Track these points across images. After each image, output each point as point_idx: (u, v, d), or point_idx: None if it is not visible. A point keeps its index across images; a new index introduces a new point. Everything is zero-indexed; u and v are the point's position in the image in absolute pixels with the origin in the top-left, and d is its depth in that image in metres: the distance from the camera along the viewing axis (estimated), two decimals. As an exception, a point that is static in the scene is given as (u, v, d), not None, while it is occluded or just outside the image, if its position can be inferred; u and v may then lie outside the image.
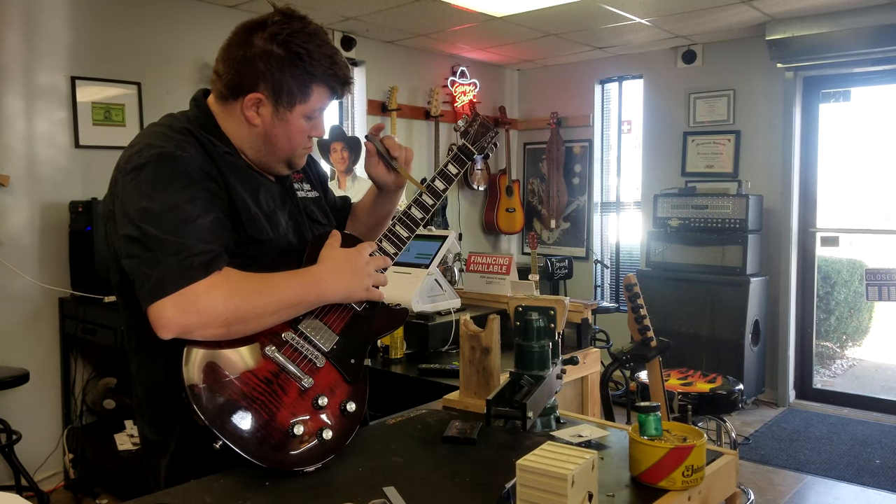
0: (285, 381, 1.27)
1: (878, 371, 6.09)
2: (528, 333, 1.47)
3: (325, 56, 1.34)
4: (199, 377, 1.20)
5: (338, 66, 1.36)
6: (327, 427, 1.28)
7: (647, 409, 1.24)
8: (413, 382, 2.17)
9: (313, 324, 1.33)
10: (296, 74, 1.32)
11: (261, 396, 1.24)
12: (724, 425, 3.09)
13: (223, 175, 1.32)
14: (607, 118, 6.10)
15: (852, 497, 3.62)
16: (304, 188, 1.56)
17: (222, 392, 1.21)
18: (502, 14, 4.48)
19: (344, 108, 5.25)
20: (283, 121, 1.35)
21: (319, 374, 1.30)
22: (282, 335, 1.29)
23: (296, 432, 1.24)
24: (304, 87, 1.34)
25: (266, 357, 1.26)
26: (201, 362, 1.22)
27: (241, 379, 1.23)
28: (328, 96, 1.38)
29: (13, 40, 3.55)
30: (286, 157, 1.41)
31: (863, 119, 5.30)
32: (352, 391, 1.34)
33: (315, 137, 1.43)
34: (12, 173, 3.55)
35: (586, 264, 6.07)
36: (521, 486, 1.06)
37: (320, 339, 1.32)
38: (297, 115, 1.36)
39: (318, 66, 1.33)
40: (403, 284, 2.43)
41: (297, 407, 1.26)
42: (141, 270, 1.20)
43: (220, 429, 1.19)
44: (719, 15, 4.55)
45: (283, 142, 1.38)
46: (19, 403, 3.55)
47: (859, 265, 5.99)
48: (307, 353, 1.30)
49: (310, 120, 1.38)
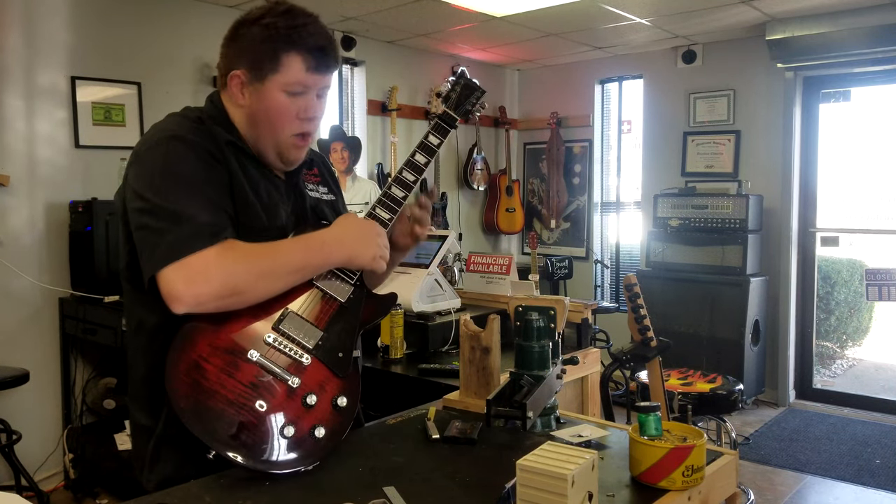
0: (271, 383, 1.25)
1: (878, 371, 6.10)
2: (528, 333, 1.47)
3: (295, 25, 1.32)
4: (183, 388, 1.20)
5: (308, 32, 1.33)
6: (319, 424, 1.27)
7: (647, 409, 1.24)
8: (413, 382, 2.17)
9: (295, 321, 1.30)
10: (265, 45, 1.33)
11: (248, 402, 1.22)
12: (724, 425, 3.09)
13: (227, 161, 1.34)
14: (607, 118, 6.10)
15: (852, 497, 3.62)
16: (319, 190, 1.55)
17: (208, 401, 1.20)
18: (502, 14, 4.48)
19: (344, 107, 5.25)
20: (261, 96, 1.35)
21: (306, 373, 1.29)
22: (263, 338, 1.27)
23: (287, 434, 1.24)
24: (274, 56, 1.32)
25: (249, 361, 1.25)
26: (185, 373, 1.21)
27: (227, 386, 1.22)
28: (303, 65, 1.33)
29: (13, 40, 3.56)
30: (274, 143, 1.38)
31: (863, 119, 5.30)
32: (343, 386, 1.33)
33: (306, 120, 1.37)
34: (12, 173, 3.55)
35: (586, 264, 6.07)
36: (521, 486, 1.06)
37: (304, 337, 1.30)
38: (272, 88, 1.34)
39: (286, 33, 1.32)
40: (403, 284, 2.43)
41: (286, 408, 1.25)
42: (149, 240, 1.22)
43: (210, 440, 1.19)
44: (719, 15, 4.55)
45: (265, 121, 1.36)
46: (19, 403, 3.55)
47: (859, 265, 5.99)
48: (291, 353, 1.28)
49: (292, 96, 1.35)
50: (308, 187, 1.52)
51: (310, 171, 1.55)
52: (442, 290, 2.54)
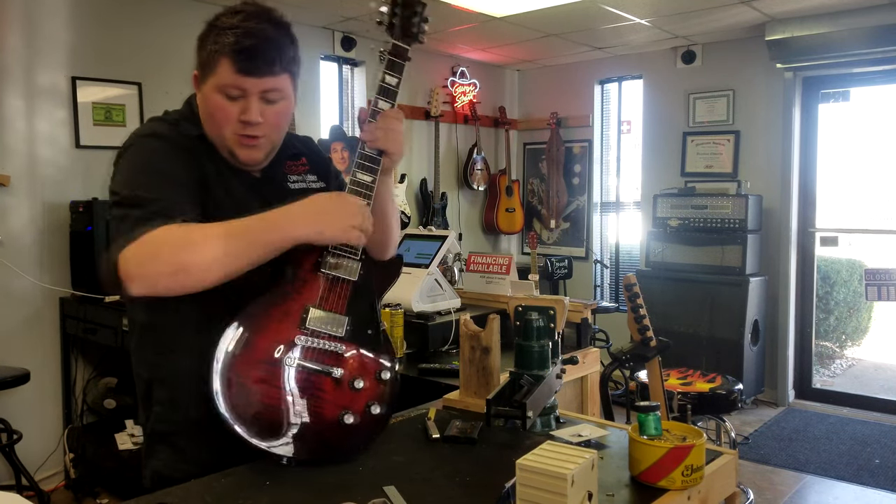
0: (318, 381, 1.28)
1: (878, 371, 6.10)
2: (528, 333, 1.47)
3: (230, 26, 1.29)
4: (245, 416, 1.23)
5: (238, 34, 1.28)
6: (372, 402, 1.32)
7: (647, 408, 1.24)
8: (413, 382, 2.17)
9: (318, 316, 1.30)
10: (207, 47, 1.32)
11: (304, 408, 1.27)
12: (724, 425, 3.09)
13: (199, 157, 1.34)
14: (607, 118, 6.10)
15: (852, 497, 3.62)
16: (307, 179, 1.52)
17: (270, 417, 1.24)
18: (502, 14, 4.48)
19: (344, 108, 5.25)
20: (204, 96, 1.34)
21: (346, 360, 1.31)
22: (294, 341, 1.28)
23: (347, 421, 1.28)
24: (211, 59, 1.31)
25: (290, 368, 1.27)
26: (244, 399, 1.23)
27: (284, 399, 1.26)
28: (231, 67, 1.28)
29: (14, 40, 3.56)
30: (221, 142, 1.35)
31: (862, 119, 5.31)
32: (380, 359, 1.36)
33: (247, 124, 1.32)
34: (13, 173, 3.55)
35: (586, 264, 6.07)
36: (520, 486, 1.07)
37: (332, 328, 1.31)
38: (210, 89, 1.32)
39: (222, 36, 1.29)
40: (403, 284, 2.43)
41: (339, 398, 1.29)
42: (114, 228, 1.24)
43: (282, 450, 1.24)
44: (719, 15, 4.55)
45: (209, 121, 1.35)
46: (20, 403, 3.56)
47: (858, 265, 6.00)
48: (326, 347, 1.30)
49: (231, 99, 1.31)
50: (291, 179, 1.49)
51: (296, 162, 1.51)
52: (442, 290, 2.54)
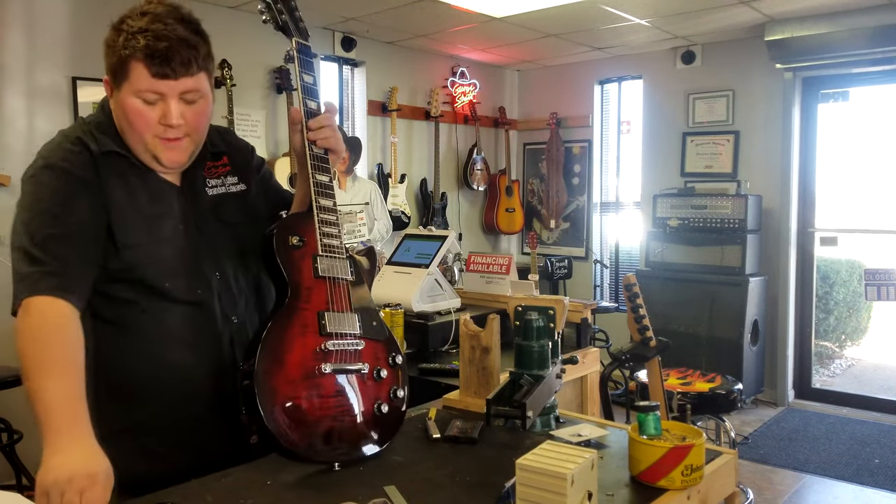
0: (350, 380, 1.34)
1: (877, 371, 6.11)
2: (528, 333, 1.47)
3: (141, 30, 1.26)
4: (295, 434, 1.25)
5: (147, 37, 1.25)
6: (395, 387, 1.40)
7: (647, 408, 1.25)
8: (413, 382, 2.17)
9: (334, 319, 1.35)
10: (117, 52, 1.28)
11: (343, 409, 1.32)
12: (724, 425, 3.10)
13: (101, 178, 1.31)
14: (607, 118, 6.11)
15: (851, 496, 3.63)
16: (227, 182, 1.48)
17: (318, 430, 1.28)
18: (502, 15, 4.48)
19: (344, 108, 5.25)
20: (120, 103, 1.31)
21: (366, 354, 1.37)
22: (322, 349, 1.32)
23: (383, 411, 1.35)
24: (124, 64, 1.27)
25: (326, 375, 1.30)
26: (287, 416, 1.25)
27: (329, 408, 1.30)
28: (146, 71, 1.26)
29: (14, 40, 3.56)
30: (142, 147, 1.32)
31: (862, 119, 5.31)
32: (387, 347, 1.42)
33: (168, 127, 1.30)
34: (12, 173, 3.55)
35: (586, 264, 6.08)
36: (520, 486, 1.07)
37: (348, 328, 1.36)
38: (126, 94, 1.28)
39: (132, 40, 1.26)
40: (403, 284, 2.44)
41: (370, 391, 1.36)
42: (14, 268, 1.26)
43: (331, 458, 1.28)
44: (719, 15, 4.55)
45: (126, 126, 1.32)
46: (20, 403, 3.56)
47: (858, 265, 6.00)
48: (349, 347, 1.35)
49: (148, 104, 1.29)
50: (210, 184, 1.45)
51: (217, 163, 1.47)
52: (442, 290, 2.54)
